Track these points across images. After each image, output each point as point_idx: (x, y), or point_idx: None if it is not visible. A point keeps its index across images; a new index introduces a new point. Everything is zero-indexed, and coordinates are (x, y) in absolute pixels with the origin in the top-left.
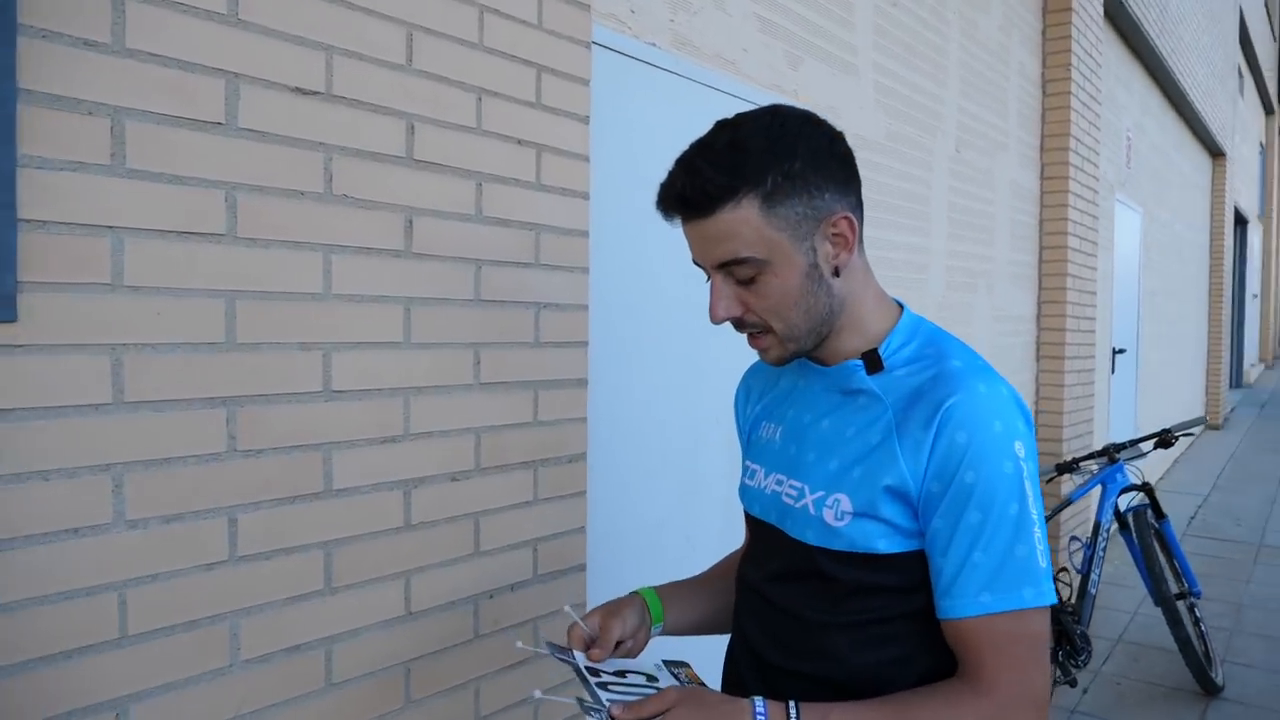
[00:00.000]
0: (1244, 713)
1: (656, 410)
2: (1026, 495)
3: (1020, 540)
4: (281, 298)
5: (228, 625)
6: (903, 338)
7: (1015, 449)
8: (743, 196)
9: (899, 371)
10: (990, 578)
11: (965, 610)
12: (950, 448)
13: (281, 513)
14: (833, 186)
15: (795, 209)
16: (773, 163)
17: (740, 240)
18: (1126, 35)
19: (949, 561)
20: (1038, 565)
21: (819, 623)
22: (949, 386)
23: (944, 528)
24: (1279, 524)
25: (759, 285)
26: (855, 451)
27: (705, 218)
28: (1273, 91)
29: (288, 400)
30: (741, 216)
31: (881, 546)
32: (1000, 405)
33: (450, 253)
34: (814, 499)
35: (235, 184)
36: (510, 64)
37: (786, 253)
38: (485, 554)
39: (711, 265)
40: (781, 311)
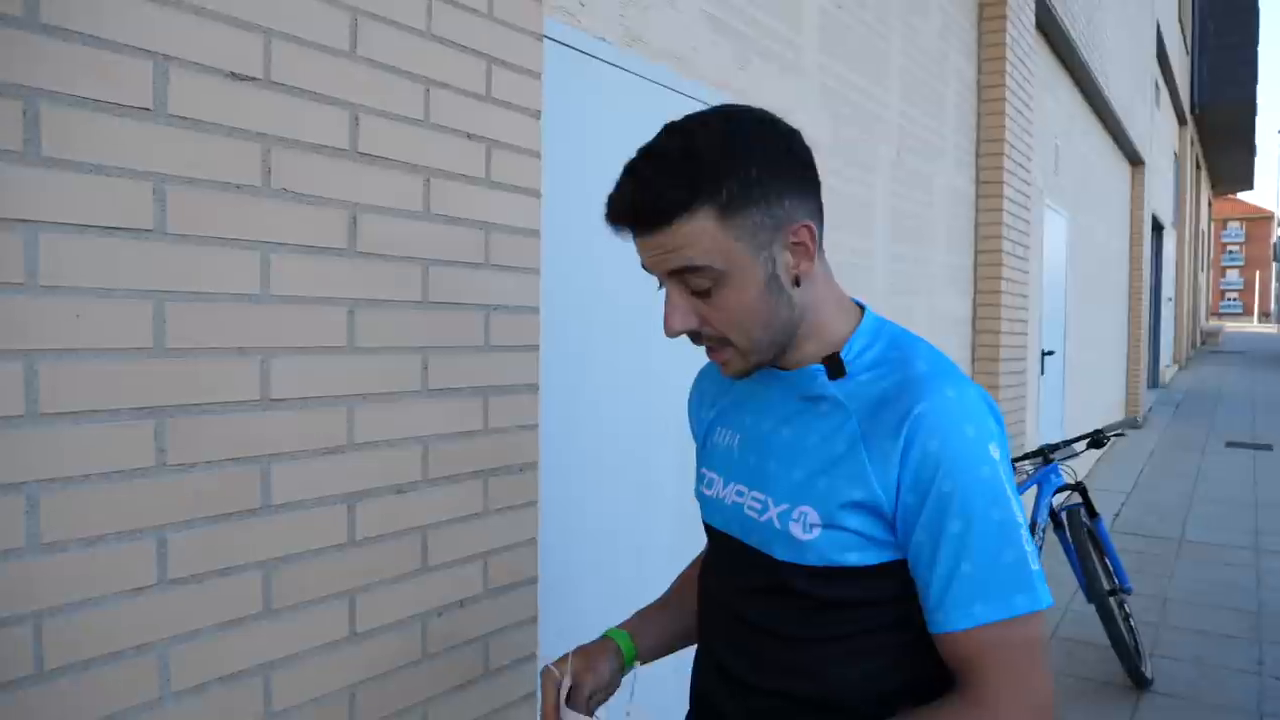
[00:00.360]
0: (1174, 705)
1: (608, 416)
2: (1008, 498)
3: (1007, 545)
4: (215, 299)
5: (156, 655)
6: (865, 341)
7: (990, 452)
8: (698, 208)
9: (862, 377)
10: (980, 587)
11: (958, 623)
12: (923, 457)
13: (215, 531)
14: (791, 192)
15: (753, 218)
16: (728, 171)
17: (696, 249)
18: (1055, 45)
19: (936, 575)
20: (1028, 569)
21: (795, 638)
22: (916, 393)
23: (927, 540)
24: (1198, 520)
25: (716, 297)
26: (819, 461)
27: (657, 229)
28: (1185, 103)
29: (222, 410)
30: (697, 228)
31: (853, 559)
32: (971, 408)
33: (397, 252)
34: (779, 512)
35: (164, 175)
36: (460, 54)
37: (745, 264)
38: (433, 570)
39: (664, 273)
40: (741, 324)
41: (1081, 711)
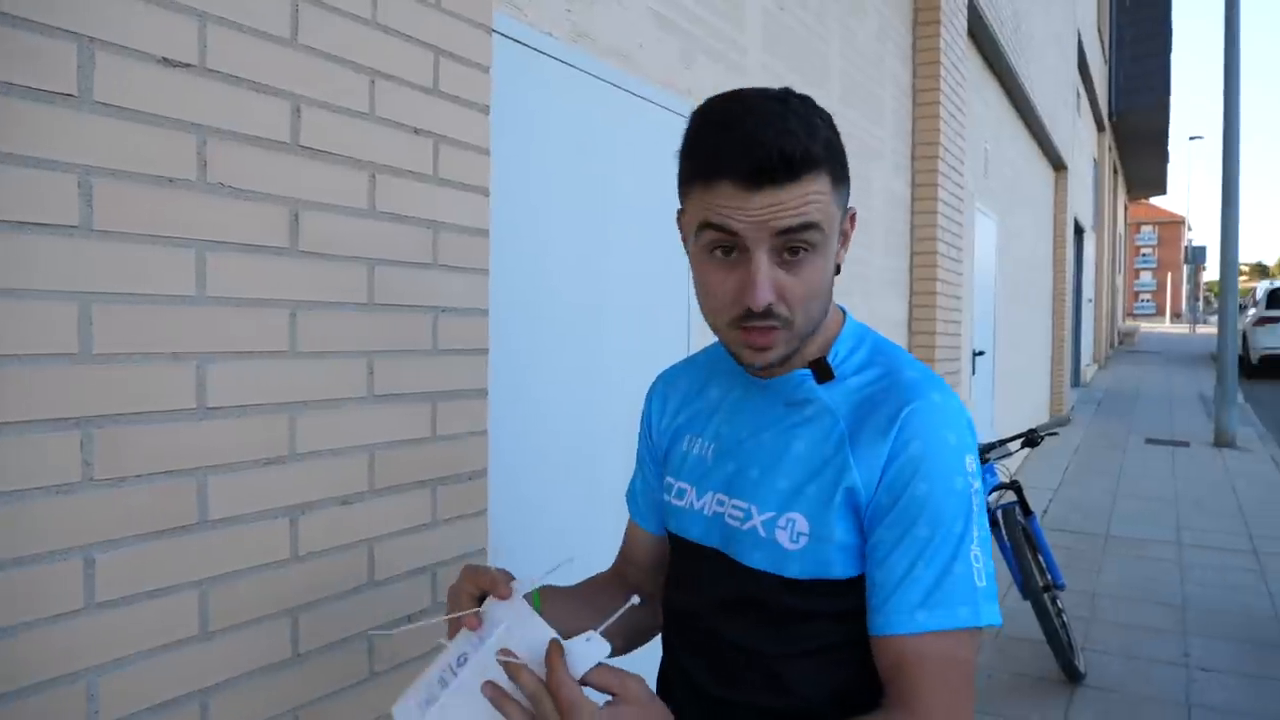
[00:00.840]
0: (1106, 698)
1: (556, 419)
2: (973, 513)
3: (959, 558)
4: (147, 301)
5: (84, 684)
6: (850, 344)
7: (966, 464)
8: (824, 170)
9: (850, 382)
10: (926, 595)
11: (899, 627)
12: (906, 457)
13: (148, 550)
14: (848, 181)
15: (843, 195)
16: (836, 141)
17: (815, 207)
18: (984, 50)
19: (887, 574)
20: (974, 585)
21: (772, 653)
22: (906, 395)
23: (887, 539)
24: (1123, 516)
25: (803, 266)
26: (807, 468)
27: (788, 183)
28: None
29: (155, 419)
30: (820, 188)
31: (837, 572)
32: (954, 417)
33: (341, 251)
34: (764, 520)
35: (90, 167)
36: (406, 45)
37: (832, 237)
38: (380, 584)
39: (776, 229)
40: (810, 302)
41: (1017, 706)
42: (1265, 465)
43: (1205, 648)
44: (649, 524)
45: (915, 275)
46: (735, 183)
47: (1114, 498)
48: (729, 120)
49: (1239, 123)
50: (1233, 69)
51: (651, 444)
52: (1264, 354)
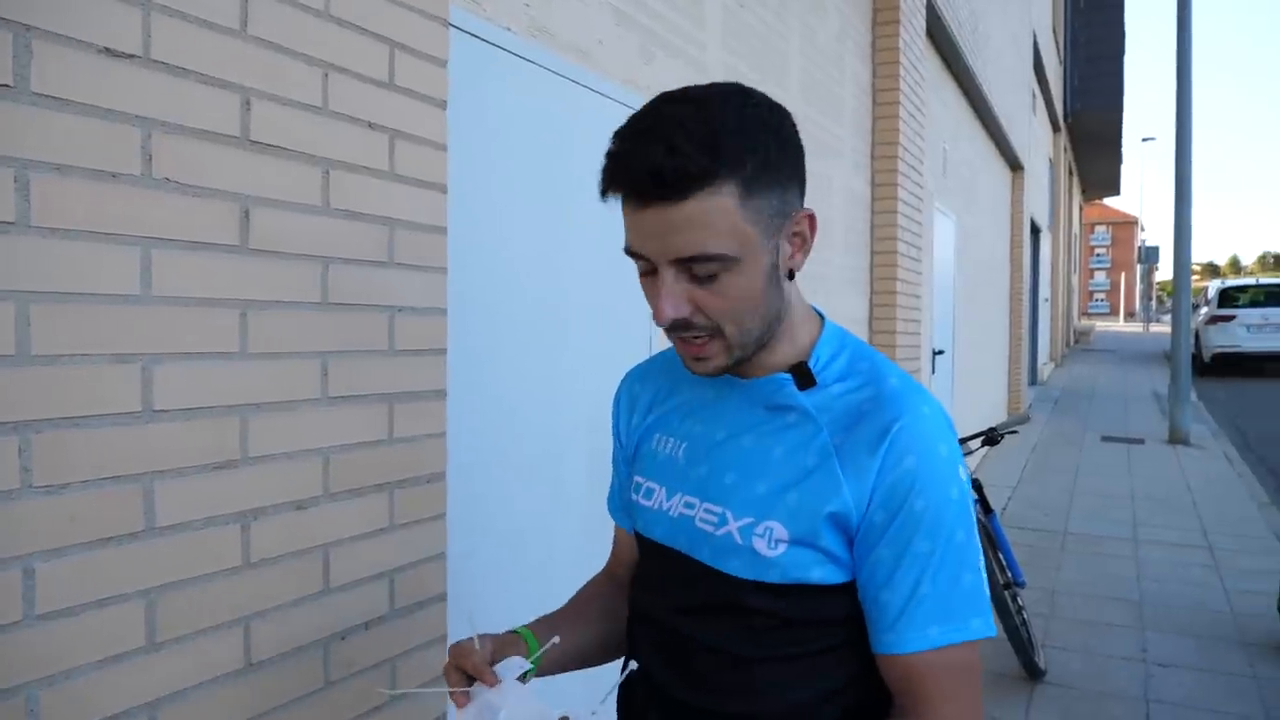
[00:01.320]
0: (1066, 694)
1: (516, 421)
2: (971, 522)
3: (966, 569)
4: (89, 300)
5: (24, 698)
6: (831, 350)
7: (958, 474)
8: (723, 183)
9: (833, 388)
10: (938, 610)
11: (913, 645)
12: (900, 474)
13: (91, 559)
14: (798, 180)
15: (770, 202)
16: (751, 146)
17: (711, 232)
18: (942, 50)
19: (893, 593)
20: (983, 595)
21: (741, 658)
22: (894, 408)
23: (888, 557)
24: (1080, 513)
25: (720, 284)
26: (788, 475)
27: (676, 203)
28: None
29: (98, 423)
30: (718, 205)
31: (815, 577)
32: (943, 428)
33: (294, 249)
34: (740, 526)
35: (28, 161)
36: (361, 37)
37: (755, 250)
38: (336, 590)
39: (670, 258)
40: (739, 314)
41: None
42: (1219, 462)
43: (1162, 643)
44: (624, 519)
45: (876, 274)
46: (626, 200)
47: (1071, 495)
48: (627, 133)
49: (1191, 124)
50: (1184, 72)
51: (621, 445)
52: (1216, 352)
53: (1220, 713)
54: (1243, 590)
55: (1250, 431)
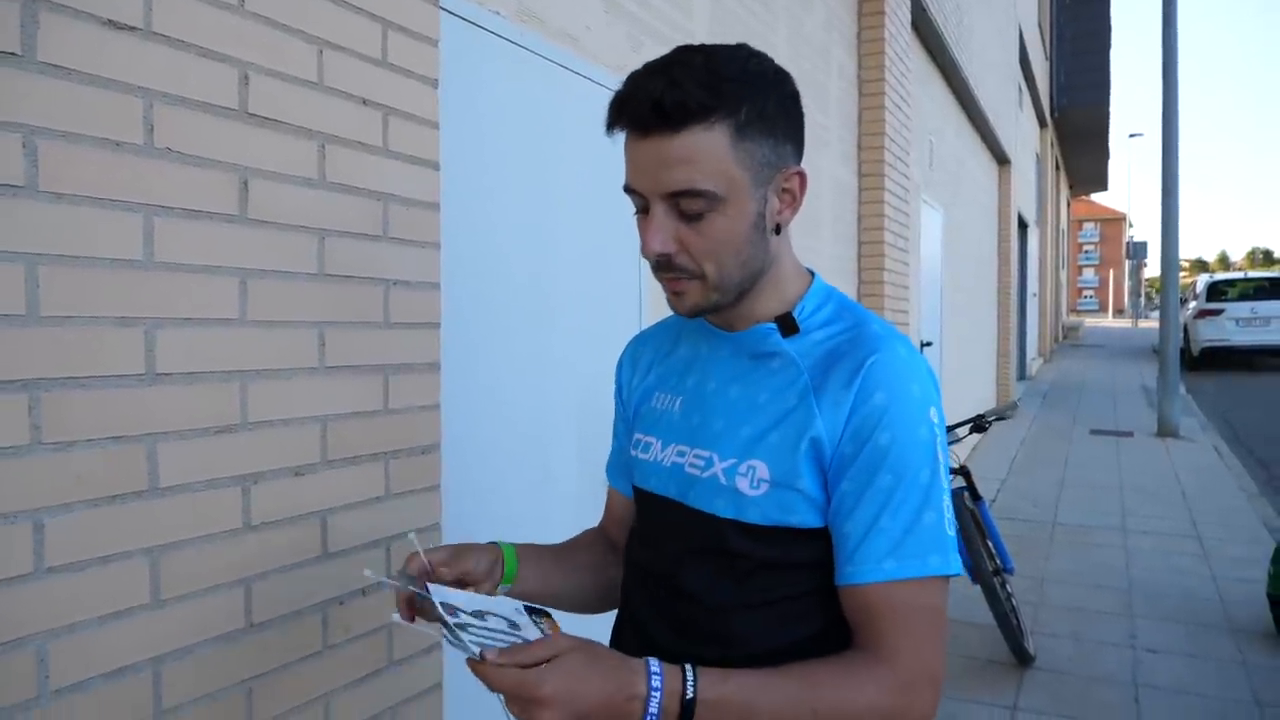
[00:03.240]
0: (1056, 679)
1: (505, 399)
2: (938, 462)
3: (929, 507)
4: (94, 263)
5: (34, 650)
6: (817, 302)
7: (930, 414)
8: (717, 120)
9: (815, 334)
10: (896, 544)
11: (868, 576)
12: (870, 408)
13: (98, 515)
14: (793, 140)
15: (762, 150)
16: (750, 95)
17: (701, 168)
18: (929, 44)
19: (855, 524)
20: (945, 534)
21: (724, 604)
22: (870, 346)
23: (852, 490)
24: (1069, 504)
25: (705, 223)
26: (770, 417)
27: (672, 134)
28: (1046, 106)
29: (104, 384)
30: (711, 142)
31: (796, 520)
32: (918, 369)
33: (291, 220)
34: (724, 467)
35: (36, 128)
36: (355, 15)
37: (742, 194)
38: (334, 556)
39: (661, 193)
40: (720, 256)
41: (970, 687)
42: (1208, 454)
43: (1151, 629)
44: (624, 487)
45: (863, 264)
46: (628, 132)
47: (1061, 487)
48: (638, 73)
49: (1177, 120)
50: (1171, 67)
51: (623, 405)
52: (1205, 346)
53: (1209, 697)
54: (1231, 578)
55: (1239, 424)
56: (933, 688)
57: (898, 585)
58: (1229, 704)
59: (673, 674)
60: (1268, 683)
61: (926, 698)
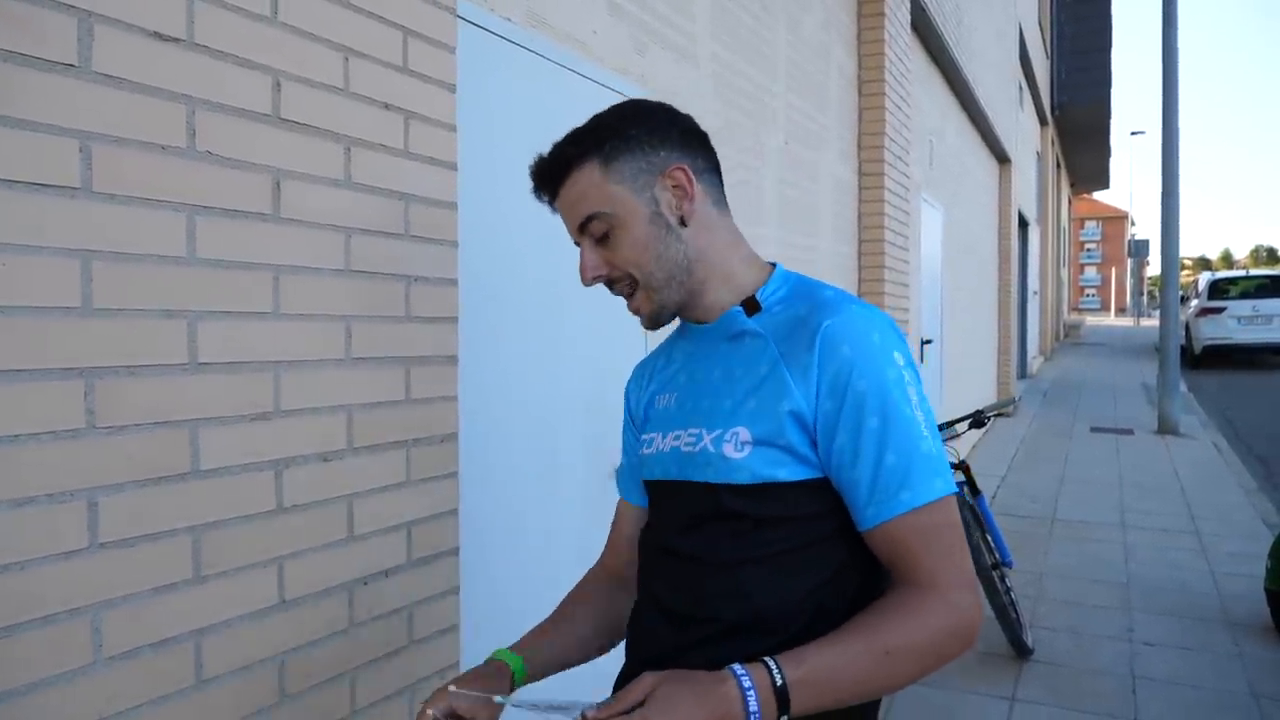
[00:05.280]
0: (1054, 671)
1: (516, 392)
2: (914, 395)
3: (920, 437)
4: (142, 259)
5: (89, 619)
6: (777, 285)
7: (895, 358)
8: (585, 161)
9: (776, 310)
10: (904, 476)
11: (890, 512)
12: (839, 364)
13: (146, 495)
14: (668, 145)
15: (631, 164)
16: (611, 132)
17: (587, 200)
18: (928, 44)
19: (862, 470)
20: (939, 458)
21: (727, 561)
22: (825, 311)
23: (848, 441)
24: (1068, 500)
25: (613, 239)
26: (746, 386)
27: (561, 188)
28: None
29: (151, 372)
30: (585, 178)
31: (782, 475)
32: (875, 321)
33: (320, 219)
34: (712, 438)
35: (90, 134)
36: (377, 24)
37: (629, 205)
38: (359, 538)
39: (574, 230)
40: (636, 260)
41: (969, 678)
42: (1208, 451)
43: (1148, 623)
44: (632, 495)
45: (863, 262)
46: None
47: (1060, 483)
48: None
49: (1178, 116)
50: (1171, 63)
51: (633, 422)
52: (1207, 344)
53: (1205, 689)
54: (1229, 573)
55: (1240, 422)
56: (972, 590)
57: (916, 513)
58: (1225, 695)
59: (757, 669)
60: (1264, 675)
61: (972, 601)
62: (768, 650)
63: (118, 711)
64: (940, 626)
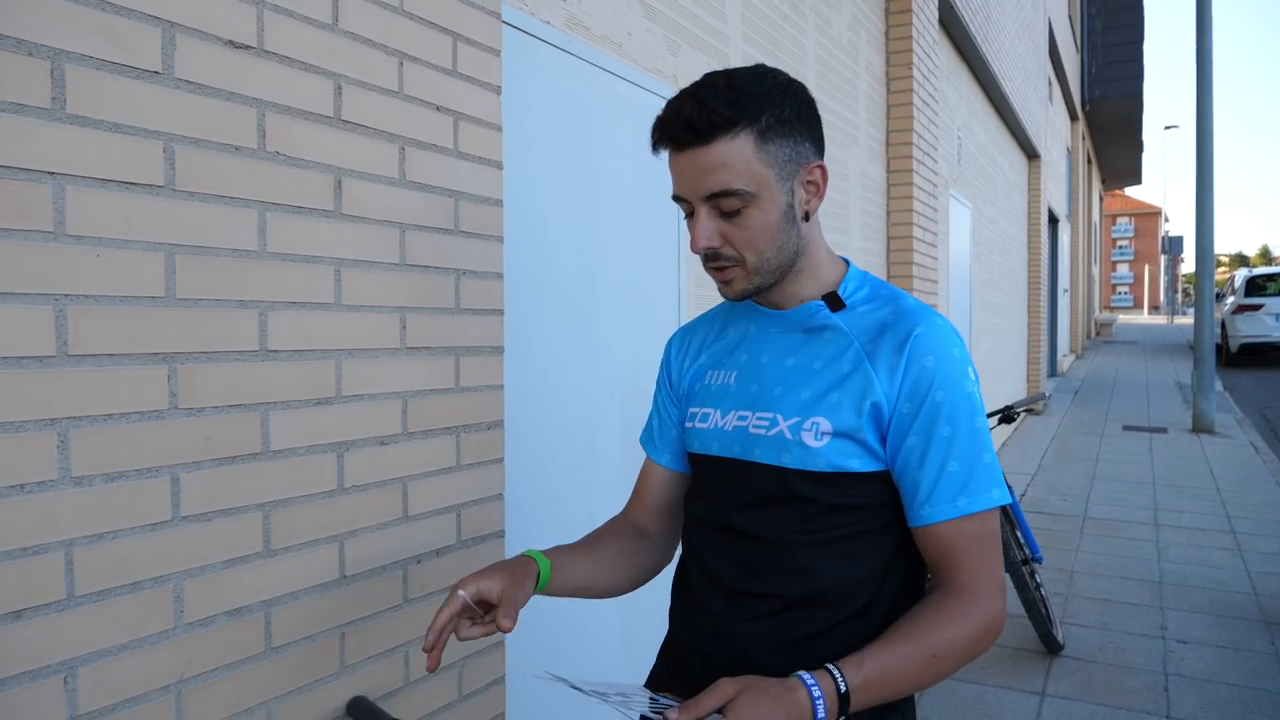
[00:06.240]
0: (1084, 666)
1: (555, 382)
2: (983, 412)
3: (984, 449)
4: (219, 253)
5: (172, 587)
6: (856, 283)
7: (970, 373)
8: (740, 130)
9: (860, 309)
10: (964, 483)
11: (945, 514)
12: (921, 371)
13: (222, 473)
14: (812, 137)
15: (784, 150)
16: (768, 105)
17: (733, 172)
18: (956, 40)
19: (926, 473)
20: (998, 470)
21: (789, 542)
22: (913, 319)
23: (918, 444)
24: (1099, 498)
25: (742, 218)
26: (829, 380)
27: (704, 145)
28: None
29: (226, 358)
30: (737, 148)
31: (855, 465)
32: (955, 336)
33: (377, 216)
34: (789, 425)
35: (173, 135)
36: (429, 30)
37: (771, 189)
38: (413, 519)
39: (701, 196)
40: (758, 245)
41: (999, 674)
42: (1244, 450)
43: (1182, 621)
44: (662, 457)
45: (892, 259)
46: (670, 150)
47: (1092, 481)
48: (672, 99)
49: (1212, 109)
50: (1205, 56)
51: (671, 387)
52: (1244, 342)
53: (1240, 686)
54: (1266, 572)
55: (1277, 420)
56: (1003, 594)
57: (968, 519)
58: (1260, 694)
59: (823, 677)
60: None
61: (1002, 604)
62: (827, 625)
63: (196, 674)
64: (976, 629)
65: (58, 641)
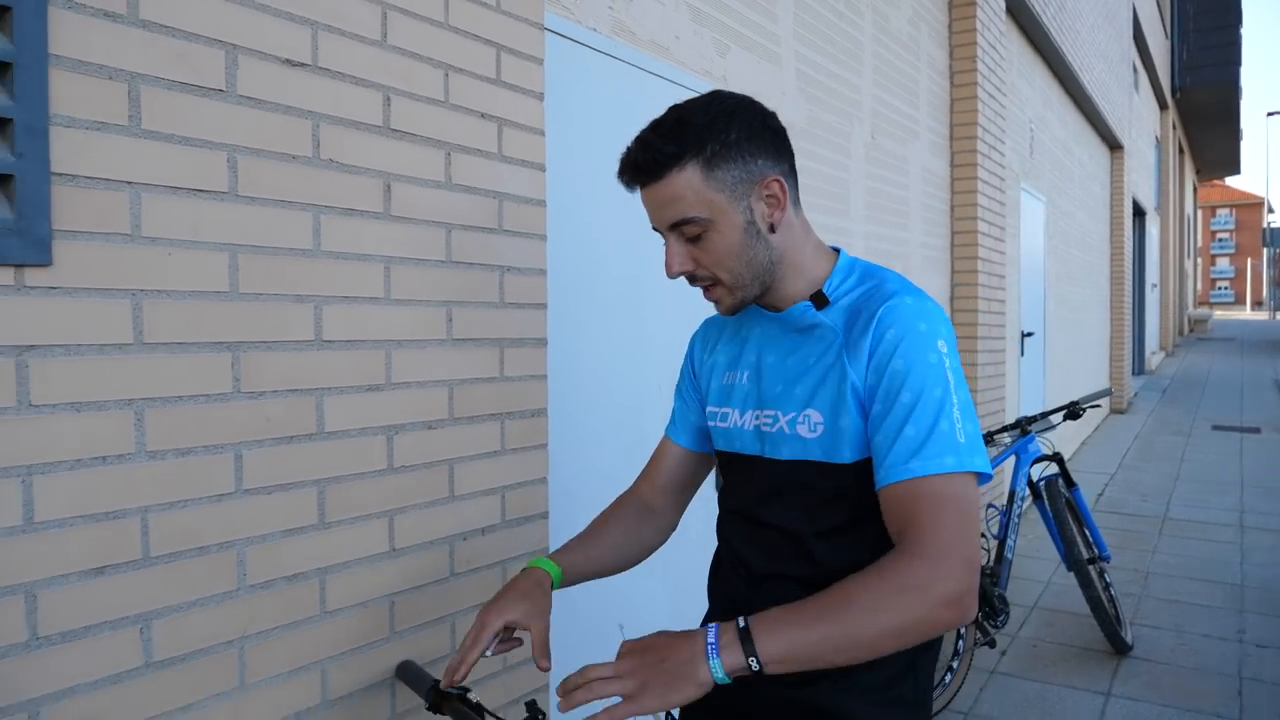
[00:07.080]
0: (1154, 668)
1: (604, 374)
2: (948, 382)
3: (943, 417)
4: (278, 252)
5: (235, 552)
6: (842, 276)
7: (938, 345)
8: (686, 162)
9: (842, 301)
10: (918, 448)
11: (897, 476)
12: (882, 344)
13: (280, 451)
14: (764, 154)
15: (731, 173)
16: (710, 134)
17: (685, 202)
18: (1027, 30)
19: (884, 436)
20: (956, 439)
21: (800, 530)
22: (881, 299)
23: (881, 410)
24: (1182, 498)
25: (705, 242)
26: (817, 375)
27: (656, 182)
28: (1165, 87)
29: (284, 347)
30: (686, 179)
31: (847, 456)
32: (925, 311)
33: (424, 216)
34: (788, 420)
35: (236, 146)
36: (473, 42)
37: (725, 212)
38: (459, 499)
39: (665, 225)
40: (726, 264)
41: (1062, 672)
42: None
43: (1261, 625)
44: (680, 437)
45: (956, 254)
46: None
47: (1174, 481)
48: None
49: None
50: None
51: (694, 377)
52: None
53: None
54: None
55: None
56: (964, 566)
57: (921, 481)
58: None
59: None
60: None
61: (955, 573)
62: None
63: (258, 631)
64: (909, 577)
65: (134, 596)
